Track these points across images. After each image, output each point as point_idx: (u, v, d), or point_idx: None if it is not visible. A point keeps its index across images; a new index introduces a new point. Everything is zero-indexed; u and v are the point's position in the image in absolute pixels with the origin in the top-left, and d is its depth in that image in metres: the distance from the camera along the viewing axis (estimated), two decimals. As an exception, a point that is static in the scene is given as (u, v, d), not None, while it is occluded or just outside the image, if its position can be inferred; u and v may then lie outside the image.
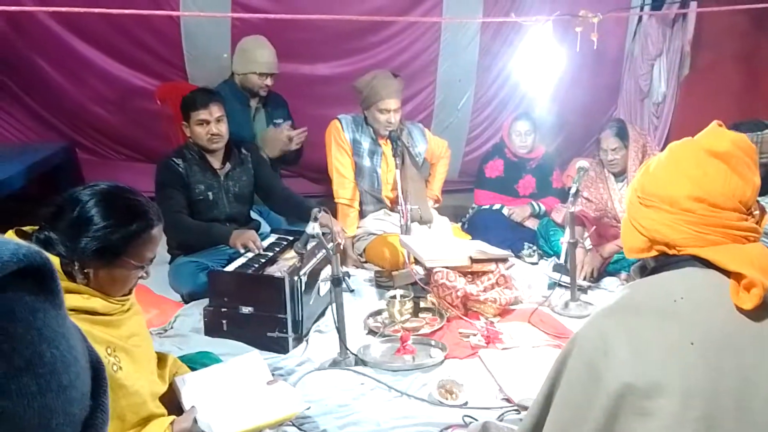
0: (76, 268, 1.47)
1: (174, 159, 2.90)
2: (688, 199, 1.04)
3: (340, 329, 2.33)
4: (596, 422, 0.97)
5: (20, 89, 4.02)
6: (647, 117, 4.59)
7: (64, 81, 4.02)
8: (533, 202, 3.70)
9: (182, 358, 1.99)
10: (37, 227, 1.55)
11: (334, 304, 2.34)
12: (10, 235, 1.55)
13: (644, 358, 0.96)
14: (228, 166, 3.00)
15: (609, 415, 0.96)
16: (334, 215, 3.08)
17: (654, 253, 1.10)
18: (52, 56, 3.96)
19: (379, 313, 2.74)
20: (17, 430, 0.32)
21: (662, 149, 3.40)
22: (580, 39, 2.44)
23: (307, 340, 2.52)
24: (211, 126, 2.86)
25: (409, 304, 2.68)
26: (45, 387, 0.34)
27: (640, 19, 4.53)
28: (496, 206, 3.71)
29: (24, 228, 1.56)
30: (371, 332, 2.61)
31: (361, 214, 3.45)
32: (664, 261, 1.09)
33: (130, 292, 1.65)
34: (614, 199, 3.22)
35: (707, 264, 1.04)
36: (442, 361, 2.35)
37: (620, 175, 3.23)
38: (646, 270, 1.14)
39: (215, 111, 2.87)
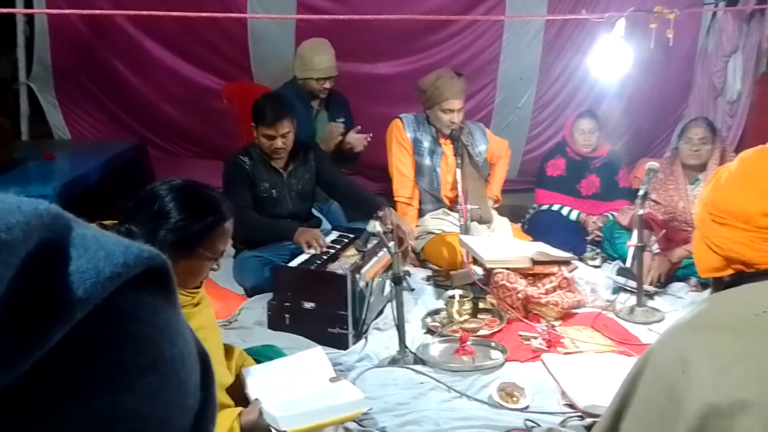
0: None
1: (241, 157, 2.99)
2: (763, 217, 0.98)
3: (400, 327, 2.34)
4: None
5: (97, 89, 4.23)
6: (720, 116, 4.38)
7: (137, 81, 4.20)
8: (609, 215, 3.53)
9: (247, 351, 2.05)
10: (116, 221, 1.63)
11: (394, 302, 2.35)
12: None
13: (727, 376, 0.91)
14: (291, 165, 3.07)
15: None
16: (393, 214, 3.10)
17: (730, 272, 1.05)
18: (127, 57, 4.15)
19: (437, 312, 2.74)
20: (144, 426, 0.33)
21: (736, 150, 3.24)
22: (654, 36, 2.35)
23: (366, 337, 2.54)
24: (276, 141, 2.90)
25: (468, 305, 2.66)
26: (167, 384, 0.35)
27: (714, 13, 4.32)
28: (555, 207, 3.63)
29: (105, 222, 1.64)
30: (429, 331, 2.60)
31: (420, 213, 3.45)
32: (742, 275, 1.04)
33: (200, 285, 1.71)
34: (687, 201, 3.10)
35: None
36: (502, 364, 2.32)
37: (694, 176, 3.12)
38: (723, 282, 1.09)
39: (282, 128, 2.88)
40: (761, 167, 1.02)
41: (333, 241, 2.92)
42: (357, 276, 2.49)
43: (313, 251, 2.77)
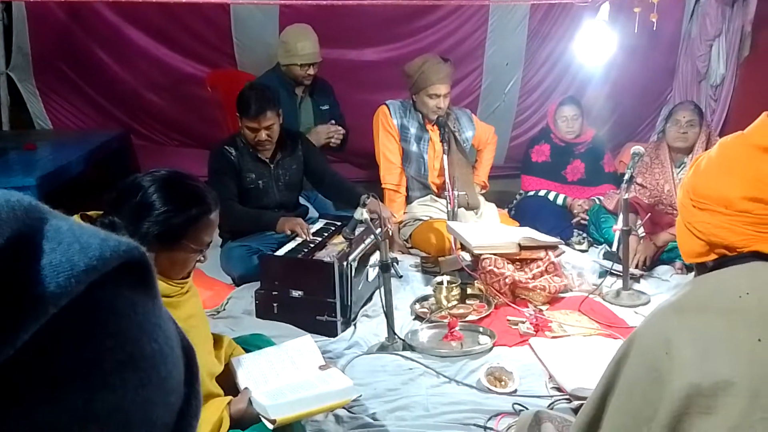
0: None
1: (226, 147, 2.96)
2: (743, 200, 1.00)
3: (389, 314, 2.35)
4: (660, 424, 0.94)
5: (79, 78, 4.16)
6: (705, 100, 4.41)
7: (120, 69, 4.14)
8: (596, 199, 3.55)
9: (236, 340, 2.04)
10: (101, 213, 1.61)
11: (382, 289, 2.36)
12: (77, 220, 1.61)
13: (710, 358, 0.92)
14: (278, 155, 3.05)
15: (674, 417, 0.93)
16: (381, 201, 3.10)
17: (714, 256, 1.06)
18: (109, 45, 4.08)
19: (425, 298, 2.75)
20: (122, 424, 0.33)
21: (721, 134, 3.30)
22: (638, 20, 2.36)
23: (354, 325, 2.55)
24: (260, 133, 2.88)
25: (456, 291, 2.68)
26: (146, 380, 0.34)
27: (698, -3, 4.33)
28: (542, 192, 3.65)
29: (89, 213, 1.61)
30: (418, 318, 2.62)
31: (408, 200, 3.45)
32: (725, 259, 1.05)
33: (188, 275, 1.70)
34: (673, 185, 3.13)
35: None
36: (490, 348, 2.34)
37: (680, 159, 3.15)
38: (706, 267, 1.10)
39: (265, 121, 2.85)
40: (740, 152, 1.03)
41: (320, 229, 2.92)
42: (344, 263, 2.49)
43: (299, 239, 2.76)
